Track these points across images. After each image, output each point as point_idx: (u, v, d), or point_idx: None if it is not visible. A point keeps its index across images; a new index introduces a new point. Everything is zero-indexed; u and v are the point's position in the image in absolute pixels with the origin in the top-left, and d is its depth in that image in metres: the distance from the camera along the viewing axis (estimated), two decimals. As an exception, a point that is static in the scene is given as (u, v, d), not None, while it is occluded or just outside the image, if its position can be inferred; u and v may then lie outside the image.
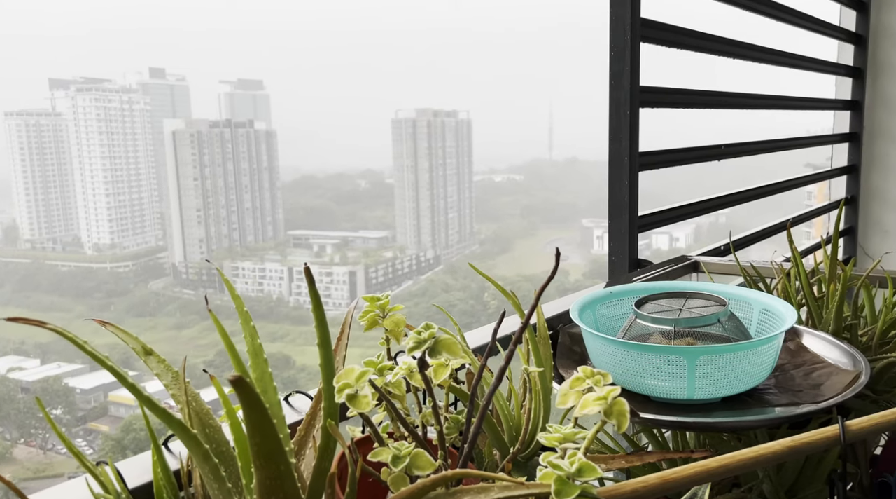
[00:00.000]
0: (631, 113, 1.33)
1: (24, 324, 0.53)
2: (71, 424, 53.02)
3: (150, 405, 0.45)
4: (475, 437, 0.52)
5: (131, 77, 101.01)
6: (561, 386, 0.48)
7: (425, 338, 0.54)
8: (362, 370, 0.52)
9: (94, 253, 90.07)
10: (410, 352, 0.55)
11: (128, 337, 0.56)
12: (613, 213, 1.35)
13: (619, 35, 1.30)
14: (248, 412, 0.41)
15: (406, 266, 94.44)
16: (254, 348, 0.56)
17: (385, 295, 0.71)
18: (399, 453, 0.49)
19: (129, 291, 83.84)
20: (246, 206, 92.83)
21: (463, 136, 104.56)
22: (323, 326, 0.51)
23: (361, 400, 0.50)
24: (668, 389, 0.79)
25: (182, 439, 0.45)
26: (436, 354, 0.54)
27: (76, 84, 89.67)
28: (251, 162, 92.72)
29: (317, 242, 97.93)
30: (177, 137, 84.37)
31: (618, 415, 0.44)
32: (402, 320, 0.70)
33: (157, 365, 0.56)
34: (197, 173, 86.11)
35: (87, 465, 0.54)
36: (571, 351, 0.94)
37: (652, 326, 0.86)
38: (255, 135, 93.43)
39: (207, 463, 0.47)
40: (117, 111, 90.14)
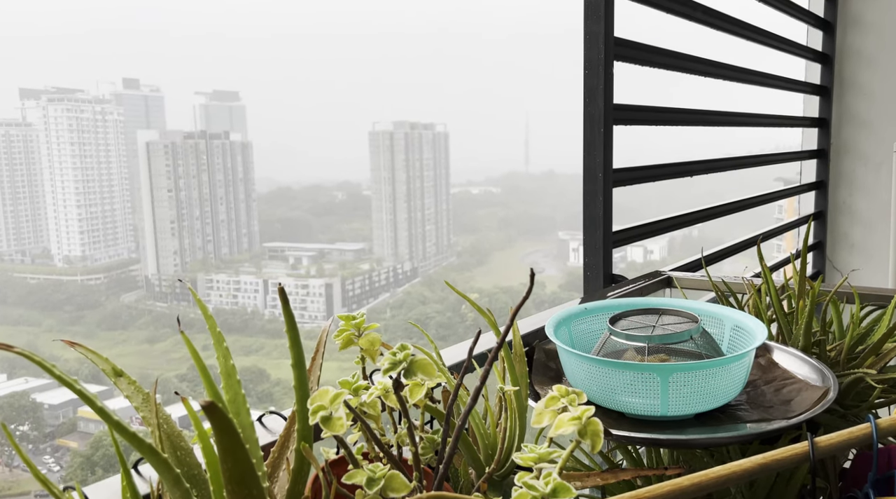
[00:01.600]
0: (604, 130, 1.35)
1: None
2: (39, 440, 51.63)
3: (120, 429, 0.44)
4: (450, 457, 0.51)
5: (104, 87, 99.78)
6: (536, 405, 0.47)
7: (400, 359, 0.54)
8: (337, 392, 0.51)
9: (64, 265, 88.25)
10: (386, 373, 0.54)
11: (97, 358, 0.55)
12: (588, 228, 1.37)
13: (593, 53, 1.32)
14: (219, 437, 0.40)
15: (383, 278, 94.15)
16: (227, 370, 0.55)
17: (360, 314, 0.70)
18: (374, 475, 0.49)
19: (100, 304, 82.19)
20: (221, 217, 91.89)
21: (440, 148, 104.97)
22: (297, 347, 0.51)
23: (335, 422, 0.50)
24: (642, 405, 0.80)
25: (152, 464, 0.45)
26: (411, 375, 0.54)
27: (47, 94, 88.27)
28: (226, 173, 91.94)
29: (293, 254, 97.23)
30: (150, 149, 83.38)
31: (592, 435, 0.44)
32: (378, 339, 0.70)
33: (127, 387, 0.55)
34: (171, 185, 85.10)
35: (53, 492, 0.52)
36: (547, 367, 0.95)
37: (626, 342, 0.87)
38: (231, 146, 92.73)
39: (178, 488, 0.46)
40: (90, 122, 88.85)
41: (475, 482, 0.72)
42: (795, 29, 2.57)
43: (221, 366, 0.55)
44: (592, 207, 1.34)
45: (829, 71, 2.68)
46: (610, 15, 1.32)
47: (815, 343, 0.98)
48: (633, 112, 1.43)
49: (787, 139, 4.33)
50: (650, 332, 0.86)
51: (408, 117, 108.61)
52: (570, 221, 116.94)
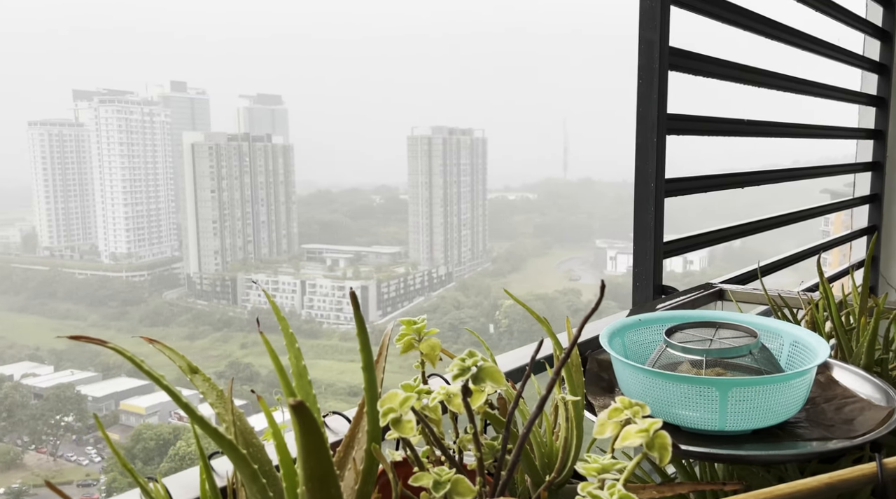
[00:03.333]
0: (658, 139, 1.34)
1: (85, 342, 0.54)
2: (82, 432, 53.24)
3: (202, 424, 0.46)
4: (514, 464, 0.52)
5: (153, 89, 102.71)
6: (599, 416, 0.47)
7: (469, 365, 0.55)
8: (406, 395, 0.52)
9: (110, 262, 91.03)
10: (455, 379, 0.55)
11: (174, 355, 0.57)
12: (638, 237, 1.36)
13: (648, 61, 1.31)
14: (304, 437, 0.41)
15: (418, 282, 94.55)
16: (298, 370, 0.56)
17: (421, 319, 0.71)
18: (440, 478, 0.49)
19: (143, 300, 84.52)
20: (261, 219, 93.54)
21: (478, 153, 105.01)
22: (367, 350, 0.51)
23: (405, 425, 0.51)
24: (699, 419, 0.79)
25: (231, 459, 0.46)
26: (479, 382, 0.54)
27: (99, 96, 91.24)
28: (268, 175, 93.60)
29: (330, 256, 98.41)
30: (195, 150, 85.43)
31: (659, 448, 0.43)
32: (438, 345, 0.71)
33: (202, 383, 0.57)
34: (214, 186, 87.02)
35: (140, 482, 0.56)
36: (599, 378, 0.95)
37: (682, 355, 0.86)
38: (273, 149, 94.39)
39: (255, 483, 0.47)
40: (138, 123, 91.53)
41: (531, 489, 0.72)
42: (852, 38, 2.51)
43: (294, 367, 0.56)
44: (643, 216, 1.33)
45: (887, 81, 2.60)
46: (665, 24, 1.31)
47: (877, 362, 0.96)
48: (686, 122, 1.42)
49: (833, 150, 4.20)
50: (707, 345, 0.86)
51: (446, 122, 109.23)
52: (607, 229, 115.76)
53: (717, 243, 1.58)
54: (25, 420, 50.70)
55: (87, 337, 0.55)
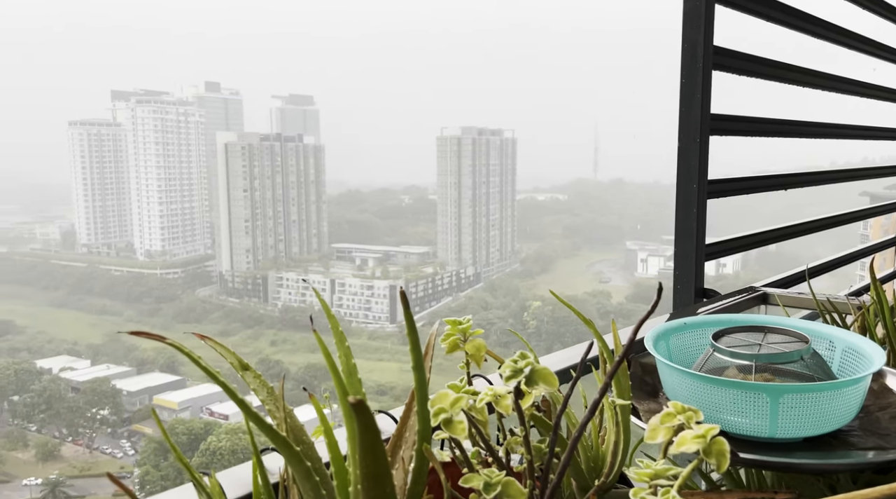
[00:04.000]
0: (701, 140, 1.32)
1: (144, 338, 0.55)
2: (117, 425, 54.45)
3: (257, 420, 0.46)
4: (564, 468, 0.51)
5: (188, 90, 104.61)
6: (650, 420, 0.47)
7: (521, 367, 0.54)
8: (457, 396, 0.52)
9: (145, 259, 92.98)
10: (507, 381, 0.55)
11: (225, 352, 0.58)
12: (680, 239, 1.33)
13: (691, 61, 1.29)
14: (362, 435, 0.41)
15: (446, 282, 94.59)
16: (348, 368, 0.57)
17: (467, 319, 0.71)
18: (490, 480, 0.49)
19: (176, 297, 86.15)
20: (292, 218, 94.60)
21: (507, 154, 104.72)
22: (417, 350, 0.52)
23: (457, 425, 0.51)
24: (748, 426, 0.78)
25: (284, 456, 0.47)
26: (532, 384, 0.54)
27: (136, 96, 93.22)
28: (299, 175, 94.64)
29: (359, 255, 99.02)
30: (229, 150, 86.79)
31: (717, 455, 0.42)
32: (483, 345, 0.71)
33: (253, 380, 0.58)
34: (247, 185, 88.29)
35: (195, 477, 0.57)
36: (643, 381, 0.93)
37: (729, 360, 0.85)
38: (304, 149, 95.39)
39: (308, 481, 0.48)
40: (173, 123, 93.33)
41: (577, 494, 0.71)
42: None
43: (343, 365, 0.57)
44: (685, 218, 1.31)
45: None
46: (710, 23, 1.29)
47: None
48: (730, 122, 1.39)
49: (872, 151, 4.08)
50: (756, 350, 0.84)
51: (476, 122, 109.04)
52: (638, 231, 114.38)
53: (760, 246, 1.55)
54: (63, 413, 52.08)
55: (147, 333, 0.56)
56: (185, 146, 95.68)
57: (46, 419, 54.32)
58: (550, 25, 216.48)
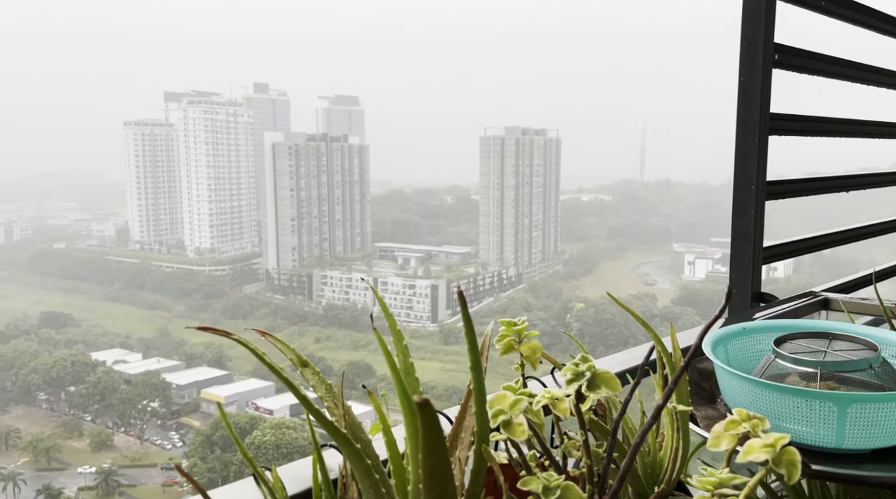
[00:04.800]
0: (759, 139, 1.28)
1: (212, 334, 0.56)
2: (166, 417, 56.07)
3: (318, 417, 0.47)
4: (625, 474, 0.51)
5: (237, 91, 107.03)
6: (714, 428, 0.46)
7: (583, 370, 0.54)
8: (517, 398, 0.52)
9: (195, 256, 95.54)
10: (569, 384, 0.54)
11: (285, 348, 0.59)
12: (736, 242, 1.30)
13: (751, 59, 1.26)
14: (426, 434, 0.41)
15: (487, 283, 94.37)
16: (406, 367, 0.57)
17: (521, 320, 0.71)
18: (549, 483, 0.49)
19: (224, 293, 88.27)
20: (337, 217, 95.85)
21: (551, 154, 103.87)
22: (475, 351, 0.52)
23: (516, 428, 0.50)
24: (812, 435, 0.75)
25: (345, 453, 0.47)
26: (593, 388, 0.53)
27: (188, 97, 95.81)
28: (344, 175, 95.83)
29: (402, 254, 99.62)
30: (276, 150, 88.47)
31: (787, 465, 0.41)
32: (539, 347, 0.70)
33: (312, 377, 0.58)
34: (293, 184, 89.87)
35: (258, 472, 0.58)
36: (700, 387, 0.91)
37: (792, 367, 0.82)
38: (349, 149, 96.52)
39: (369, 478, 0.48)
40: (223, 123, 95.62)
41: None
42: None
43: (400, 363, 0.57)
44: (743, 220, 1.28)
45: None
46: (771, 20, 1.25)
47: None
48: (791, 122, 1.35)
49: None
50: (821, 357, 0.81)
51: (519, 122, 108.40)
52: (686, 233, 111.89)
53: (821, 249, 1.50)
54: (116, 404, 53.94)
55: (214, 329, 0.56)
56: (234, 146, 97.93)
57: (100, 410, 56.36)
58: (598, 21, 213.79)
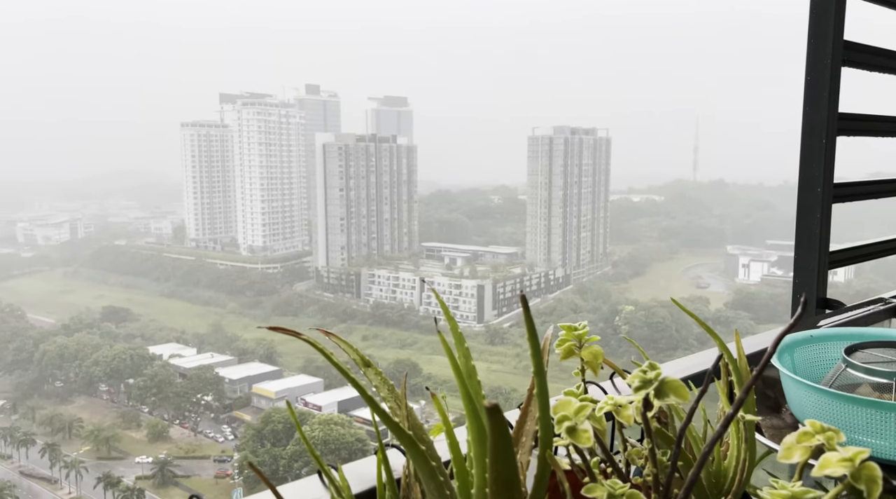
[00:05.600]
0: (827, 140, 1.24)
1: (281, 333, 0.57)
2: (219, 411, 57.60)
3: (385, 418, 0.47)
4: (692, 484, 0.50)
5: (289, 92, 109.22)
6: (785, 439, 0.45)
7: (651, 377, 0.53)
8: (582, 404, 0.52)
9: (248, 254, 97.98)
10: (637, 391, 0.53)
11: (348, 348, 0.59)
12: (801, 246, 1.26)
13: (819, 57, 1.21)
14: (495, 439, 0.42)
15: (534, 283, 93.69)
16: (468, 370, 0.57)
17: (582, 324, 0.70)
18: (614, 491, 0.48)
19: (276, 291, 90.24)
20: (385, 217, 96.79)
21: (601, 154, 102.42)
22: (538, 355, 0.51)
23: (582, 434, 0.49)
24: (886, 449, 0.72)
25: (410, 454, 0.47)
26: (662, 396, 0.52)
27: (242, 99, 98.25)
28: (392, 175, 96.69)
29: (448, 254, 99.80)
30: (326, 150, 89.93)
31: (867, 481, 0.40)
32: (600, 353, 0.69)
33: (374, 377, 0.59)
34: (342, 184, 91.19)
35: (322, 467, 0.59)
36: (765, 395, 0.89)
37: (865, 377, 0.79)
38: (397, 149, 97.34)
39: (433, 480, 0.48)
40: (276, 124, 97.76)
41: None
42: None
43: (462, 366, 0.57)
44: (808, 223, 1.23)
45: None
46: (840, 16, 1.21)
47: None
48: (861, 122, 1.29)
49: None
50: None
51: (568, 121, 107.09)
52: (740, 235, 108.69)
53: (890, 254, 1.44)
54: (171, 397, 55.76)
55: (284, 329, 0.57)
56: (286, 146, 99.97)
57: (157, 402, 58.35)
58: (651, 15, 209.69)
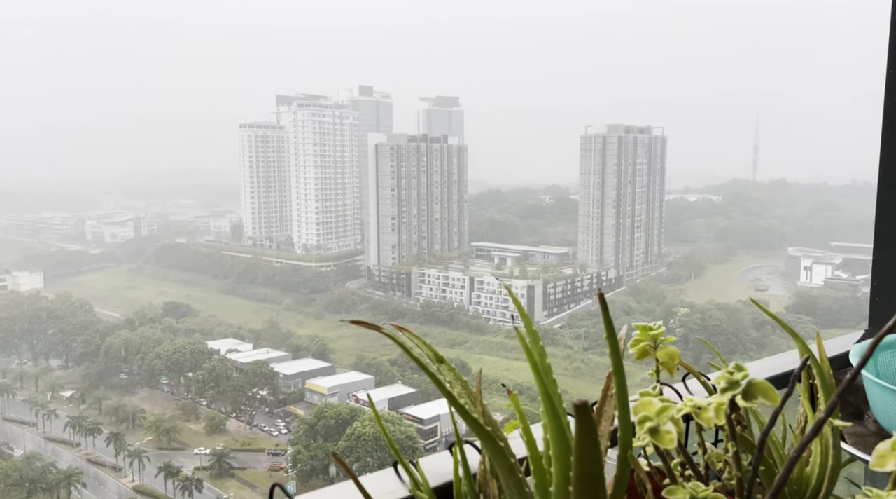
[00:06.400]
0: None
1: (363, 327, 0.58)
2: (273, 405, 58.96)
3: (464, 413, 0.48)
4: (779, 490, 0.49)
5: (343, 94, 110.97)
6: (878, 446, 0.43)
7: (738, 379, 0.52)
8: (664, 405, 0.51)
9: (302, 252, 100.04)
10: (724, 393, 0.52)
11: (422, 344, 0.59)
12: (881, 247, 1.20)
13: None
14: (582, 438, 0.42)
15: (586, 284, 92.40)
16: (544, 368, 0.57)
17: (657, 325, 0.69)
18: (696, 494, 0.48)
19: (328, 288, 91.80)
20: (435, 216, 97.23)
21: (656, 152, 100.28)
22: (617, 354, 0.51)
23: (665, 435, 0.48)
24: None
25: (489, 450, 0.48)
26: (749, 398, 0.50)
27: (298, 100, 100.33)
28: (443, 175, 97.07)
29: (498, 254, 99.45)
30: (378, 150, 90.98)
31: None
32: (677, 354, 0.68)
33: (448, 373, 0.59)
34: (394, 184, 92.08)
35: (403, 462, 0.61)
36: (846, 402, 0.85)
37: (958, 385, 0.75)
38: (448, 149, 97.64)
39: (512, 477, 0.48)
40: (330, 125, 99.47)
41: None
42: None
43: (540, 365, 0.57)
44: (888, 222, 1.18)
45: None
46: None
47: None
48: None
49: None
50: None
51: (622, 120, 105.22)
52: (802, 236, 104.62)
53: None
54: (228, 391, 57.42)
55: (366, 323, 0.58)
56: (340, 147, 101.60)
57: (215, 396, 60.19)
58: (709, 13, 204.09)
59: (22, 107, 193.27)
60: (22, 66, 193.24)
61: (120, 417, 60.46)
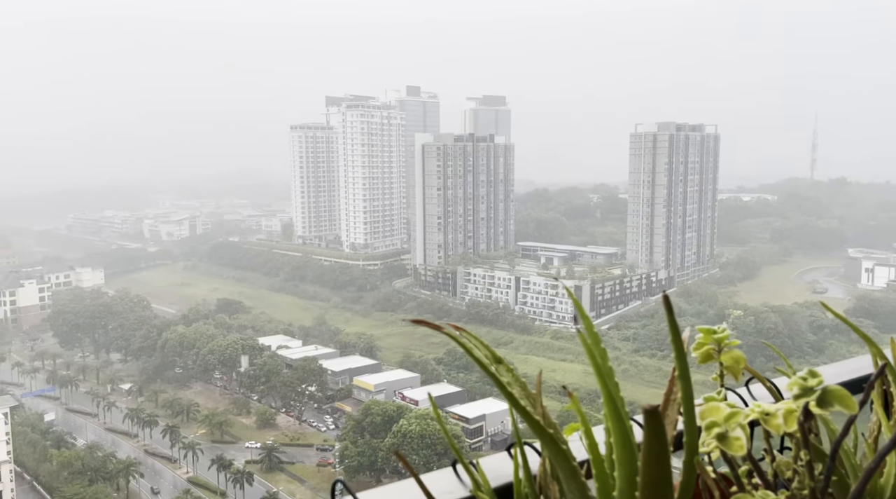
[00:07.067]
0: None
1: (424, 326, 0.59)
2: (322, 401, 59.97)
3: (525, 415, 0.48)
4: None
5: (391, 94, 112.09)
6: None
7: (812, 385, 0.50)
8: (732, 410, 0.49)
9: (350, 251, 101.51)
10: (797, 399, 0.51)
11: (480, 345, 0.59)
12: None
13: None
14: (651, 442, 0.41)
15: (635, 285, 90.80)
16: (606, 370, 0.57)
17: (721, 328, 0.67)
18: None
19: (376, 287, 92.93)
20: (481, 216, 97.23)
21: (708, 151, 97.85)
22: (683, 358, 0.50)
23: (734, 442, 0.47)
24: None
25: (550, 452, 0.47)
26: (824, 405, 0.49)
27: (347, 101, 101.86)
28: (489, 174, 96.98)
29: (545, 254, 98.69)
30: (425, 150, 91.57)
31: None
32: (742, 358, 0.66)
33: (506, 373, 0.58)
34: (440, 184, 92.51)
35: (463, 462, 0.62)
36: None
37: None
38: (495, 149, 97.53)
39: (575, 480, 0.48)
40: (377, 126, 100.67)
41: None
42: None
43: (602, 367, 0.56)
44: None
45: None
46: None
47: None
48: None
49: None
50: None
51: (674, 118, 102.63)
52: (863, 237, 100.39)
53: None
54: (278, 386, 58.70)
55: (426, 322, 0.59)
56: (387, 147, 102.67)
57: (265, 391, 61.60)
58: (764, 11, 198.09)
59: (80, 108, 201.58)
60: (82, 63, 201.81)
61: (175, 410, 62.52)
